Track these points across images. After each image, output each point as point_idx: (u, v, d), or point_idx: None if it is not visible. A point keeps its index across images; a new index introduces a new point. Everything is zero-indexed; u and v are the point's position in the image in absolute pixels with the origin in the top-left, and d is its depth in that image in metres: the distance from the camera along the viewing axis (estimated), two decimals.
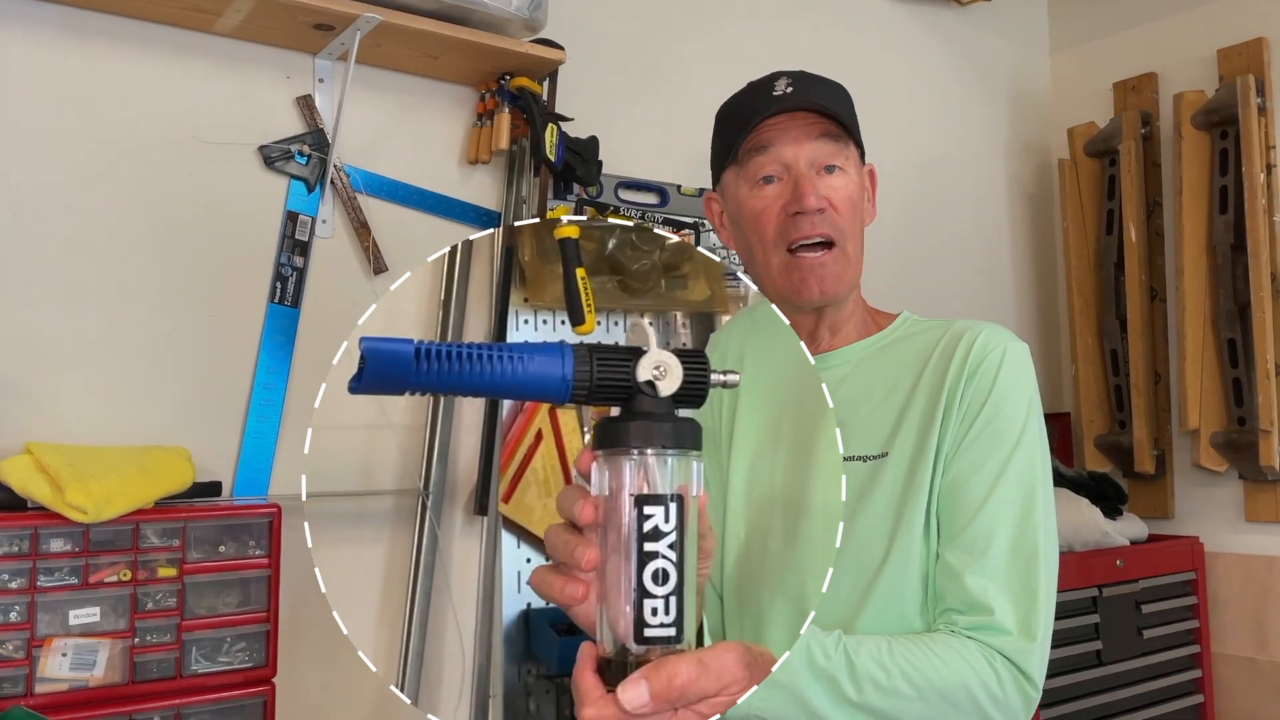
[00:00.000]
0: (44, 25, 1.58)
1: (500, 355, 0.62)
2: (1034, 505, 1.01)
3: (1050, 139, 2.91)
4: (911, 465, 1.04)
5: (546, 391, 0.63)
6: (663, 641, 0.63)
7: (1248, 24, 2.48)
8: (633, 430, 0.64)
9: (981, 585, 0.98)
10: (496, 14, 1.74)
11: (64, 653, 1.37)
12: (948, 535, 1.02)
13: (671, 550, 0.63)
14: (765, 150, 1.08)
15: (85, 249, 1.60)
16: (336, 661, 1.75)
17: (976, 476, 1.02)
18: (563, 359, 0.63)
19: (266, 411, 1.70)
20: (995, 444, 1.02)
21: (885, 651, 0.94)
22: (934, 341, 1.09)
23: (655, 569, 0.62)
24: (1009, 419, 1.03)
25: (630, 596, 0.63)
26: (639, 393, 0.64)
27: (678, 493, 0.64)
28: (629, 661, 0.63)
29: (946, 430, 1.03)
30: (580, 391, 0.63)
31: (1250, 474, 2.41)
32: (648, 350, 0.64)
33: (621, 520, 0.64)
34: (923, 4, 2.69)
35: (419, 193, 1.88)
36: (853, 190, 1.09)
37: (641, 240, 1.40)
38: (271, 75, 1.76)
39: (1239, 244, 2.38)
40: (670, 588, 0.62)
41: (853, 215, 1.09)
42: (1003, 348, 1.05)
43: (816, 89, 1.10)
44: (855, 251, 1.10)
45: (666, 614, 0.63)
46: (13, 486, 1.37)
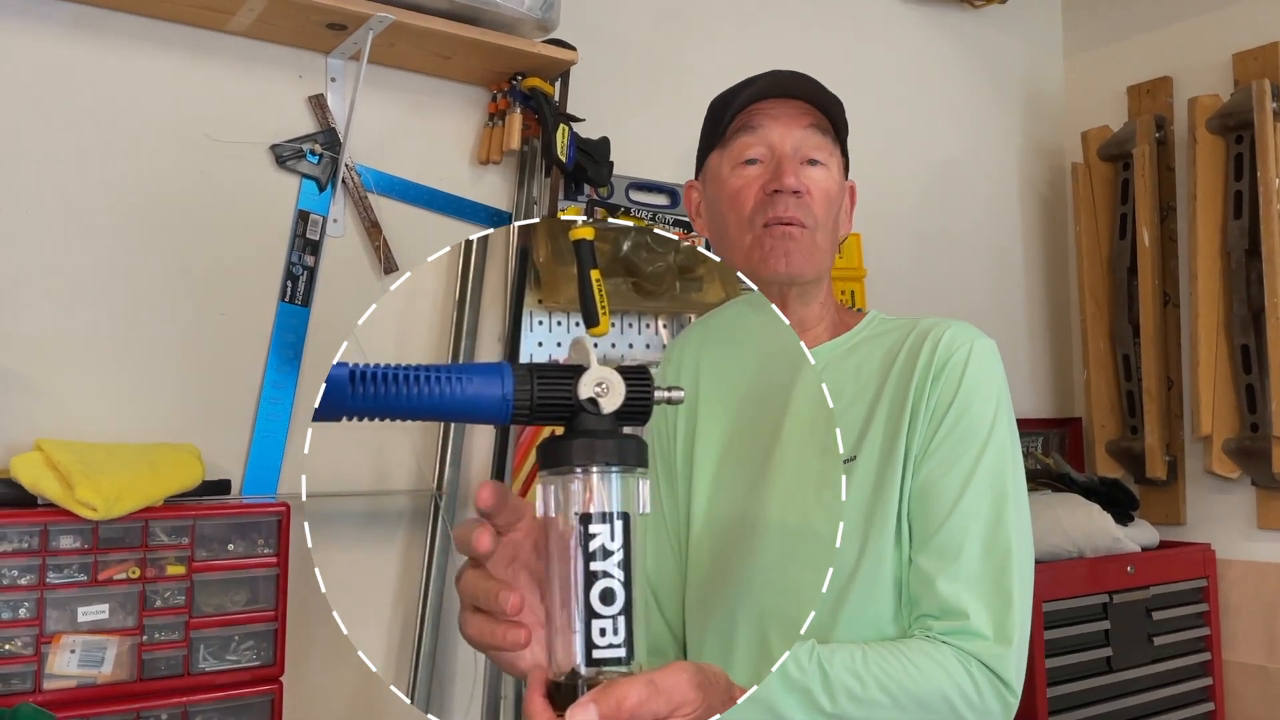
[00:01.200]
0: (58, 23, 1.58)
1: (438, 377, 0.60)
2: (1005, 505, 1.00)
3: (1063, 142, 2.90)
4: (880, 468, 1.02)
5: (487, 412, 0.62)
6: (612, 662, 0.62)
7: (1263, 28, 2.46)
8: (575, 448, 0.63)
9: (955, 590, 0.97)
10: (509, 14, 1.74)
11: (72, 649, 1.38)
12: (920, 539, 1.00)
13: (619, 569, 0.62)
14: (753, 131, 1.08)
15: (97, 246, 1.60)
16: (344, 661, 1.75)
17: (946, 478, 1.00)
18: (502, 379, 0.62)
19: (276, 410, 1.70)
20: (964, 444, 1.01)
21: (859, 660, 0.92)
22: (900, 341, 1.07)
23: (602, 588, 0.61)
24: (977, 418, 1.01)
25: (578, 617, 0.62)
26: (581, 411, 0.63)
27: (623, 510, 0.63)
28: (578, 684, 0.62)
29: (915, 432, 1.02)
30: (521, 411, 0.62)
31: (1263, 481, 2.39)
32: (589, 368, 0.63)
33: (567, 539, 0.62)
34: (936, 6, 2.68)
35: (430, 192, 1.88)
36: (831, 186, 1.09)
37: (656, 242, 1.40)
38: (284, 74, 1.76)
39: (1253, 249, 2.37)
40: (618, 607, 0.61)
41: (828, 208, 1.08)
42: (969, 345, 1.04)
43: (813, 83, 1.10)
44: (825, 243, 1.09)
45: (615, 634, 0.62)
46: (23, 483, 1.38)
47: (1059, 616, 2.14)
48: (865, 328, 1.14)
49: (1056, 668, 2.10)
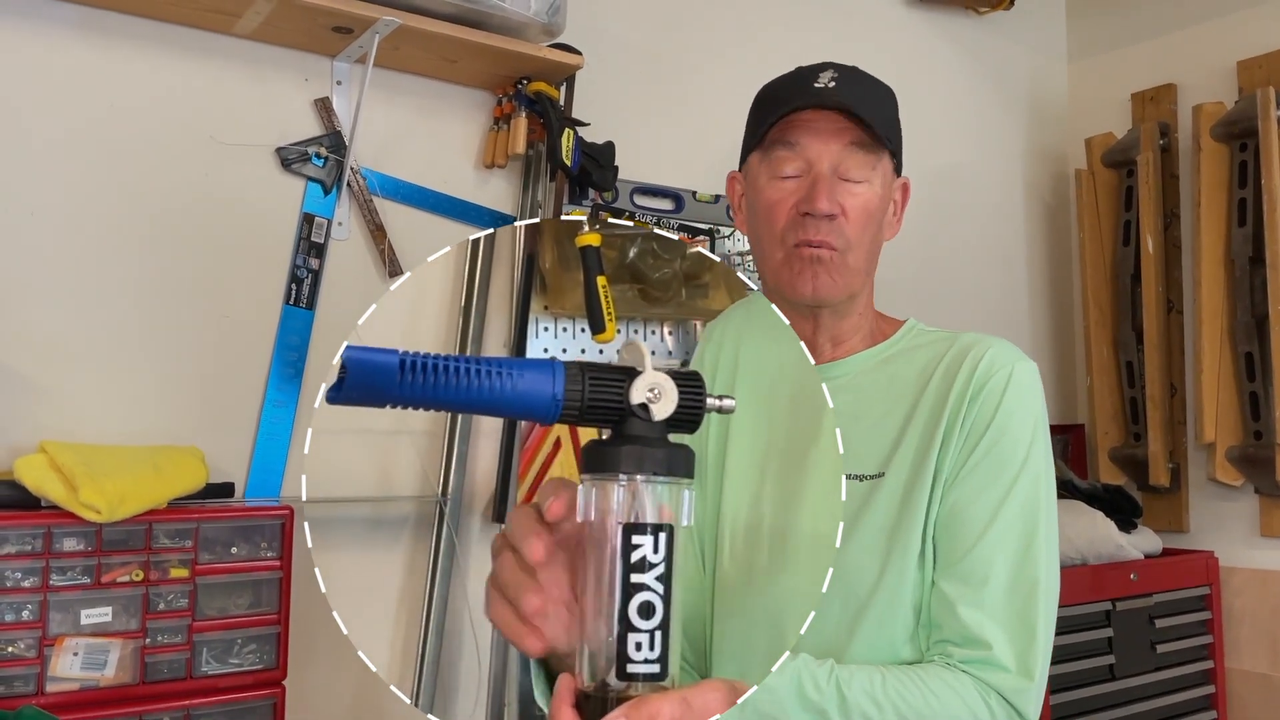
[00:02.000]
0: (64, 25, 1.59)
1: (488, 370, 0.58)
2: (1036, 536, 0.97)
3: (1067, 149, 2.90)
4: (908, 487, 1.00)
5: (534, 410, 0.60)
6: (646, 679, 0.60)
7: (1268, 36, 2.47)
8: (624, 455, 0.60)
9: (979, 619, 0.95)
10: (515, 18, 1.74)
11: (75, 652, 1.37)
12: (945, 563, 0.98)
13: (659, 583, 0.60)
14: (791, 146, 1.04)
15: (102, 248, 1.60)
16: (346, 664, 1.75)
17: (977, 503, 0.98)
18: (553, 377, 0.59)
19: (280, 413, 1.70)
20: (998, 470, 0.98)
21: (878, 685, 0.91)
22: (938, 356, 1.05)
23: (641, 602, 0.59)
24: (1013, 444, 0.99)
25: (613, 629, 0.60)
26: (631, 415, 0.61)
27: (667, 523, 0.60)
28: (609, 697, 0.60)
29: (946, 453, 0.99)
30: (570, 412, 0.60)
31: (1266, 488, 2.39)
32: (642, 371, 0.61)
33: (607, 549, 0.60)
34: (941, 13, 2.69)
35: (435, 196, 1.88)
36: (871, 203, 1.04)
37: (662, 249, 1.38)
38: (289, 77, 1.76)
39: (1257, 257, 2.37)
40: (656, 622, 0.59)
41: (864, 226, 1.04)
42: (1009, 368, 1.01)
43: (860, 90, 1.04)
44: (859, 263, 1.05)
45: (651, 649, 0.59)
46: (27, 485, 1.37)
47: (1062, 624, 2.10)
48: (902, 338, 1.11)
49: (1059, 675, 2.10)
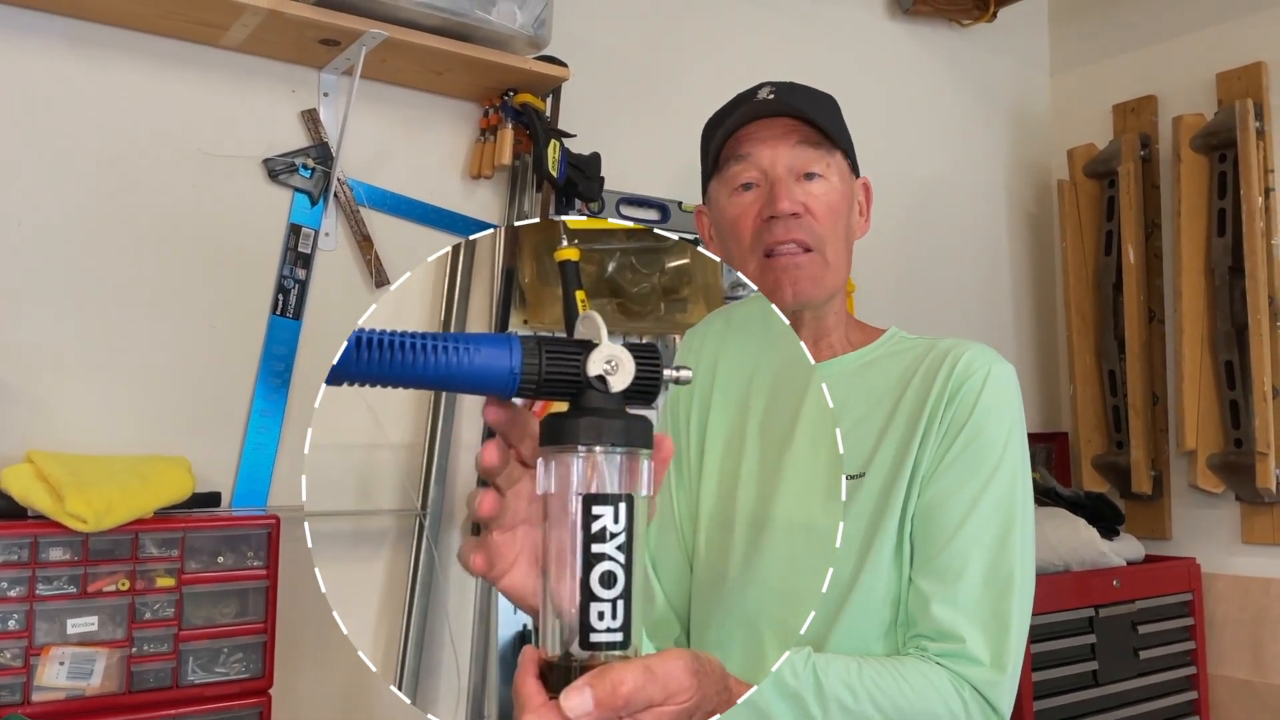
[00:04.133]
0: (52, 37, 1.59)
1: (445, 346, 0.59)
2: (1012, 532, 0.99)
3: (1050, 160, 2.93)
4: (887, 485, 1.02)
5: (492, 384, 0.60)
6: (609, 647, 0.60)
7: (1246, 49, 2.50)
8: (582, 426, 0.60)
9: (952, 614, 0.96)
10: (501, 31, 1.76)
11: (61, 661, 1.38)
12: (921, 559, 1.00)
13: (620, 552, 0.60)
14: (743, 158, 1.07)
15: (89, 259, 1.61)
16: (333, 673, 1.75)
17: (953, 500, 0.99)
18: (510, 351, 0.60)
19: (266, 423, 1.71)
20: (974, 467, 1.00)
21: (854, 673, 0.92)
22: (918, 360, 1.06)
23: (603, 571, 0.60)
24: (989, 442, 1.00)
25: (575, 599, 0.60)
26: (589, 388, 0.61)
27: (628, 493, 0.61)
28: (572, 666, 0.60)
29: (925, 451, 1.01)
30: (528, 385, 0.60)
31: (1247, 496, 2.41)
32: (599, 344, 0.61)
33: (567, 520, 0.61)
34: (925, 25, 2.71)
35: (422, 207, 1.90)
36: (834, 198, 1.06)
37: (641, 263, 1.43)
38: (277, 89, 1.78)
39: (1237, 266, 2.39)
40: (618, 591, 0.60)
41: (833, 222, 1.06)
42: (986, 369, 1.03)
43: (799, 96, 1.08)
44: (836, 258, 1.07)
45: (614, 618, 0.60)
46: (14, 495, 1.38)
47: (1045, 630, 2.15)
48: (884, 344, 1.12)
49: (1043, 681, 2.12)
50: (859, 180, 1.14)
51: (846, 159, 1.10)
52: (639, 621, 0.62)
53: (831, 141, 1.07)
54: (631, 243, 1.46)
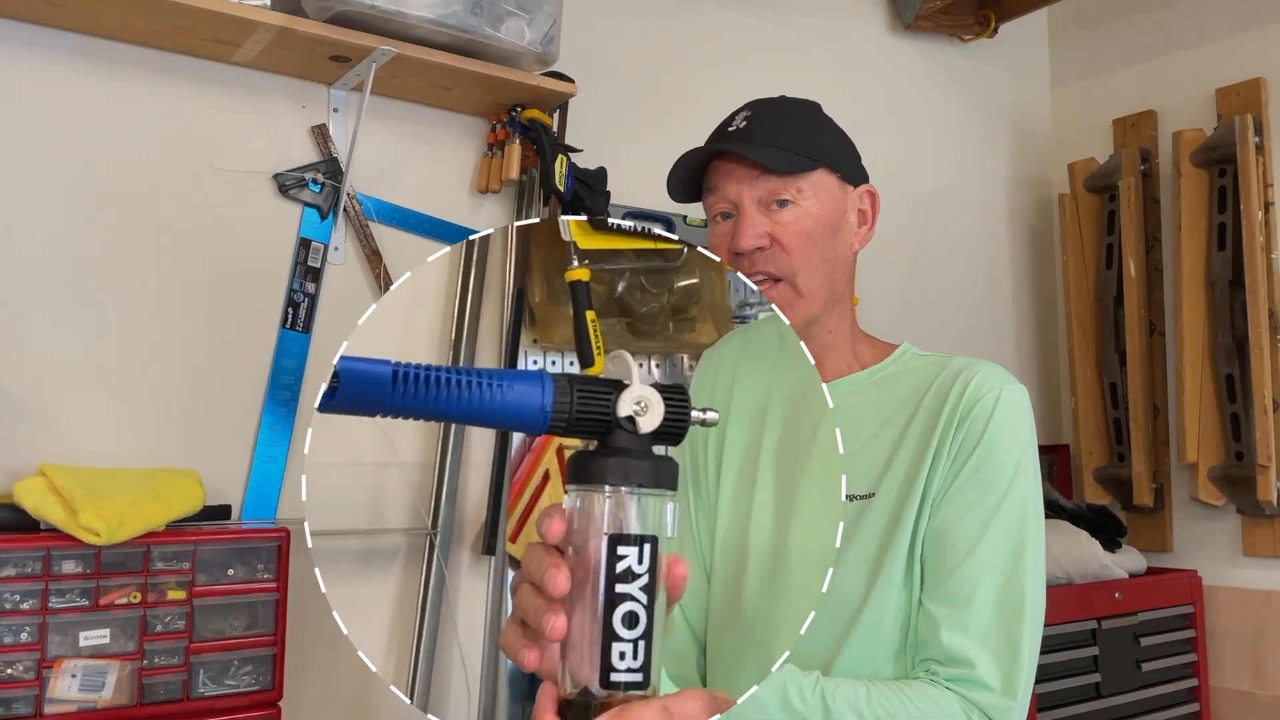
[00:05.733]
0: (65, 53, 1.61)
1: (479, 382, 0.59)
2: (1023, 555, 0.98)
3: (1051, 174, 2.95)
4: (896, 507, 1.01)
5: (523, 421, 0.61)
6: (629, 687, 0.60)
7: (1246, 64, 2.52)
8: (610, 466, 0.61)
9: (962, 640, 0.96)
10: (510, 48, 1.77)
11: (73, 674, 1.38)
12: (931, 583, 0.99)
13: (643, 593, 0.60)
14: (713, 191, 1.08)
15: (101, 273, 1.62)
16: (342, 685, 1.76)
17: (963, 523, 0.99)
18: (543, 389, 0.60)
19: (276, 436, 1.72)
20: (984, 490, 0.99)
21: (863, 698, 0.92)
22: (929, 379, 1.06)
23: (625, 612, 0.60)
24: (1000, 464, 1.00)
25: (597, 639, 0.60)
26: (618, 427, 0.62)
27: (652, 534, 0.61)
28: (591, 704, 0.60)
29: (935, 473, 1.00)
30: (559, 423, 0.61)
31: (1248, 508, 2.42)
32: (629, 384, 0.62)
33: (591, 559, 0.61)
34: (926, 40, 2.74)
35: (430, 221, 1.91)
36: (806, 223, 1.05)
37: (650, 283, 1.44)
38: (287, 105, 1.79)
39: (1237, 280, 2.41)
40: (640, 632, 0.60)
41: (805, 249, 1.05)
42: (997, 390, 1.02)
43: (770, 122, 1.07)
44: (810, 285, 1.06)
45: (634, 659, 0.60)
46: (27, 508, 1.39)
47: (1048, 642, 2.14)
48: (894, 362, 1.12)
49: (1046, 693, 2.12)
50: (857, 189, 1.12)
51: (833, 172, 1.08)
52: (659, 662, 0.62)
53: (808, 161, 1.05)
54: (641, 263, 1.43)
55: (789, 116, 1.09)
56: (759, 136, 1.06)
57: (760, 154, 1.04)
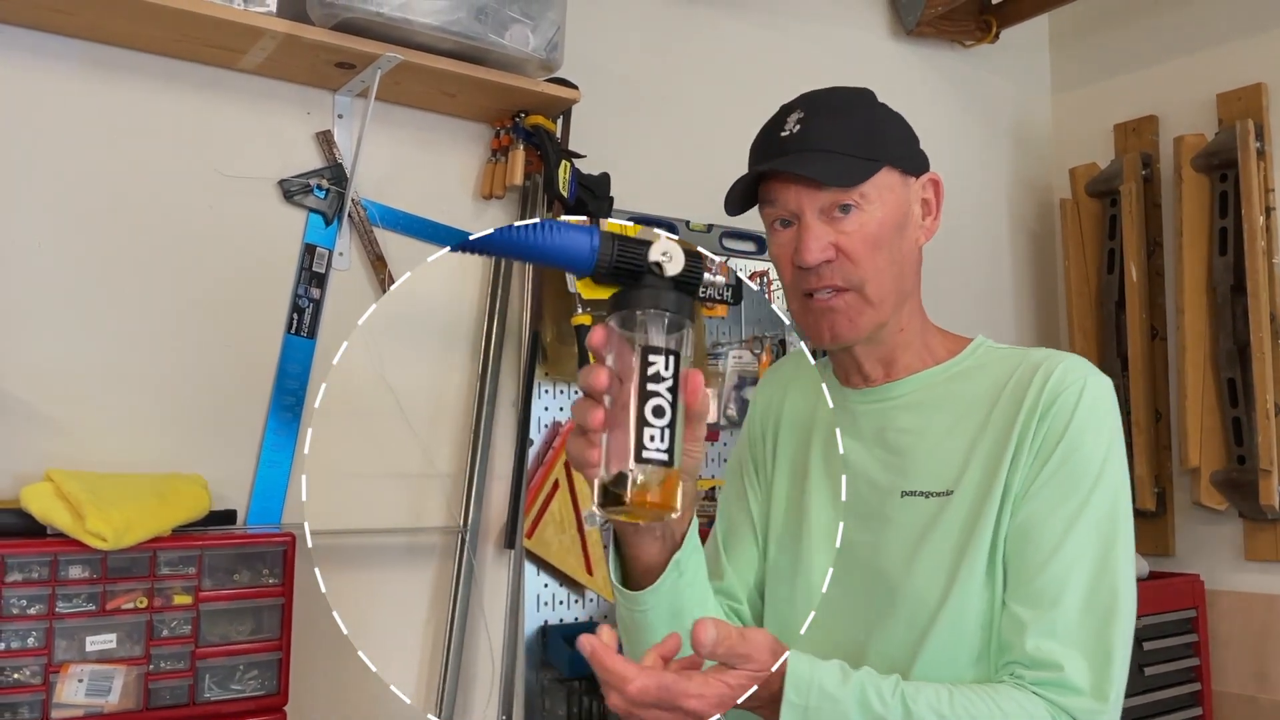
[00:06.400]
0: (71, 60, 1.62)
1: (546, 226, 0.76)
2: (1113, 552, 0.94)
3: (1052, 179, 2.95)
4: (977, 505, 0.98)
5: (575, 259, 0.77)
6: (657, 463, 0.74)
7: (1247, 69, 2.53)
8: (644, 296, 0.77)
9: (1051, 641, 0.92)
10: (514, 54, 1.78)
11: (80, 679, 1.39)
12: (1016, 583, 0.96)
13: (669, 392, 0.75)
14: (773, 204, 1.05)
15: (106, 279, 1.63)
16: (347, 690, 1.76)
17: (1049, 521, 0.95)
18: (591, 235, 0.76)
19: (281, 441, 1.73)
20: (1070, 486, 0.96)
21: (945, 701, 0.89)
22: (1008, 373, 1.03)
23: (654, 405, 0.74)
24: (1086, 459, 0.96)
25: (633, 424, 0.74)
26: (648, 271, 0.77)
27: (674, 348, 0.76)
28: (627, 478, 0.74)
29: (1016, 469, 0.97)
30: (602, 264, 0.77)
31: (1250, 513, 2.43)
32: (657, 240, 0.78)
33: (627, 369, 0.76)
34: (928, 46, 2.74)
35: (434, 226, 1.92)
36: (872, 227, 1.02)
37: None
38: (292, 111, 1.80)
39: (1239, 285, 2.42)
40: (666, 421, 0.74)
41: (871, 255, 1.02)
42: (1081, 382, 0.99)
43: (823, 127, 1.02)
44: (879, 291, 1.03)
45: (661, 441, 0.74)
46: (34, 513, 1.39)
47: None
48: (970, 355, 1.10)
49: None
50: (920, 180, 1.09)
51: (895, 168, 1.05)
52: (679, 447, 0.76)
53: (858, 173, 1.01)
54: None
55: (844, 114, 1.04)
56: (814, 141, 1.01)
57: (818, 168, 1.00)
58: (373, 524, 1.64)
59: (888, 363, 1.10)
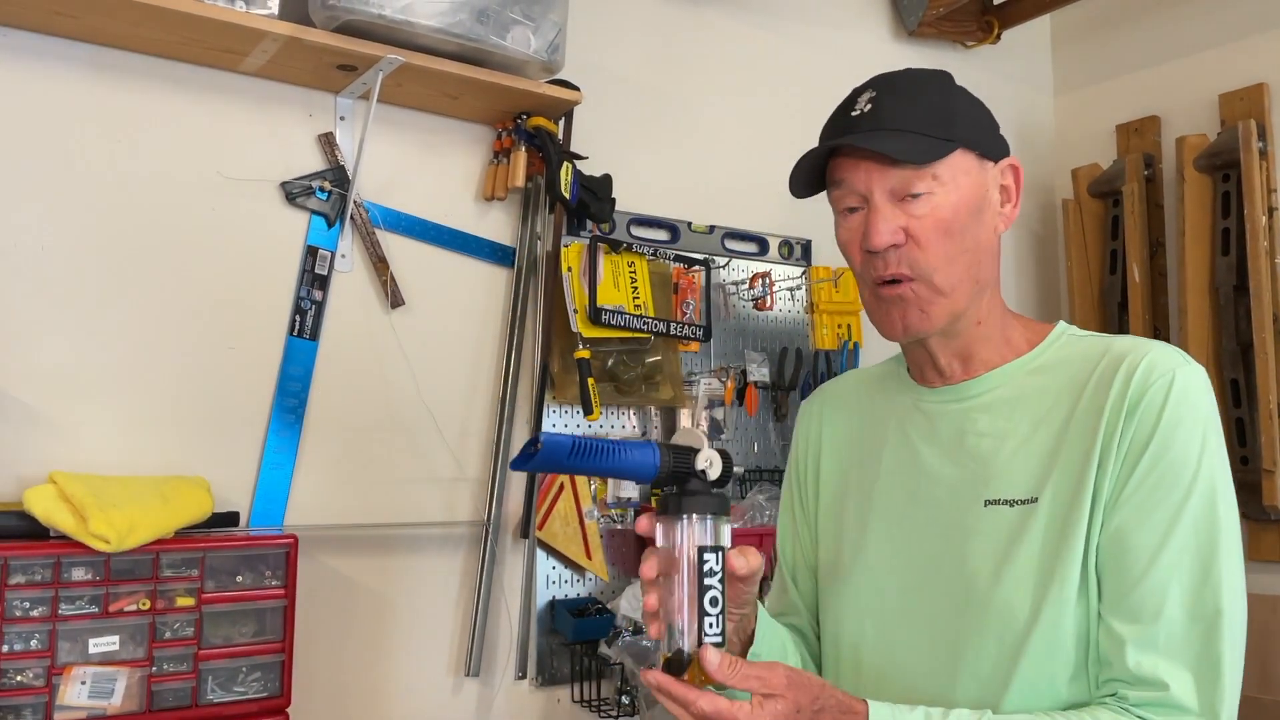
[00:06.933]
0: (75, 63, 1.62)
1: (618, 449, 0.88)
2: (1216, 556, 0.88)
3: (1054, 179, 2.95)
4: (1066, 513, 0.92)
5: (642, 473, 0.89)
6: (714, 645, 0.86)
7: (1249, 69, 2.53)
8: (696, 502, 0.89)
9: (1153, 659, 0.86)
10: (516, 56, 1.78)
11: (83, 681, 1.39)
12: (1113, 596, 0.90)
13: (719, 584, 0.87)
14: (840, 184, 1.00)
15: (110, 281, 1.63)
16: (349, 692, 1.77)
17: (1144, 528, 0.89)
18: (654, 452, 0.89)
19: (284, 443, 1.73)
20: (1165, 488, 0.89)
21: None
22: (1091, 365, 0.97)
23: (710, 596, 0.86)
24: (1180, 458, 0.90)
25: (695, 616, 0.86)
26: (695, 476, 0.89)
27: (721, 545, 0.88)
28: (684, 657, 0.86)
29: (1105, 473, 0.91)
30: (662, 474, 0.89)
31: (1254, 513, 2.42)
32: (700, 449, 0.90)
33: (683, 563, 0.87)
34: (929, 46, 2.74)
35: (436, 228, 1.92)
36: (943, 213, 0.96)
37: (630, 359, 2.07)
38: (294, 113, 1.80)
39: (1241, 285, 2.41)
40: (719, 609, 0.86)
41: (943, 242, 0.96)
42: (1170, 374, 0.92)
43: (895, 105, 0.98)
44: (952, 282, 0.97)
45: (716, 627, 0.86)
46: (37, 516, 1.39)
47: None
48: (1050, 347, 1.03)
49: None
50: (999, 164, 1.03)
51: (971, 150, 0.99)
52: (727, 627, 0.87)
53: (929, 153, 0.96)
54: (623, 347, 2.06)
55: (918, 93, 0.99)
56: (886, 120, 0.96)
57: (889, 144, 0.95)
58: (414, 519, 1.89)
59: (965, 357, 1.04)
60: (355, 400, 1.82)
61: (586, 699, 1.95)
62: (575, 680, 1.97)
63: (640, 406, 2.12)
